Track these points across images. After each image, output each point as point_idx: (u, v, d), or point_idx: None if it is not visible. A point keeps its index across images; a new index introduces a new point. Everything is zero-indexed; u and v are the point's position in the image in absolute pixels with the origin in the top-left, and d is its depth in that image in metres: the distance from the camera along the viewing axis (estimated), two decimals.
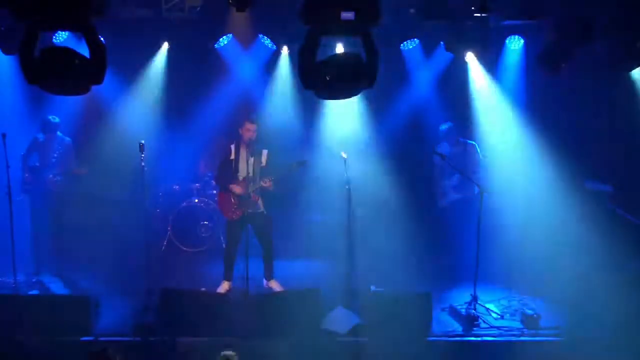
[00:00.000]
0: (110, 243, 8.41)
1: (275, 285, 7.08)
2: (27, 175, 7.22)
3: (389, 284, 7.07)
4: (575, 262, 7.49)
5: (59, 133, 7.48)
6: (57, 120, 7.46)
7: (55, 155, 7.38)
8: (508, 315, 6.46)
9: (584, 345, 5.83)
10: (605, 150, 7.61)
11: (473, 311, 6.38)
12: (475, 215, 6.52)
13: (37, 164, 7.33)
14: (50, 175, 7.30)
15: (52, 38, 7.72)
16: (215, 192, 8.12)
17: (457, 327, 6.19)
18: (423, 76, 8.83)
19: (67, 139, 7.56)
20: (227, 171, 6.91)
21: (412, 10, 6.65)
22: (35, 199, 7.33)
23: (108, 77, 4.35)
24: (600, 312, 6.37)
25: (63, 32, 7.71)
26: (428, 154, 7.63)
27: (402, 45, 8.45)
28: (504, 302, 6.75)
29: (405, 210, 8.89)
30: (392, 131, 9.01)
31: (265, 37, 8.35)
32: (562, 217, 7.91)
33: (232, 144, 6.95)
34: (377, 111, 9.01)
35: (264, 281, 7.14)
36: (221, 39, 8.26)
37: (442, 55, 8.23)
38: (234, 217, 6.87)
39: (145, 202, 6.77)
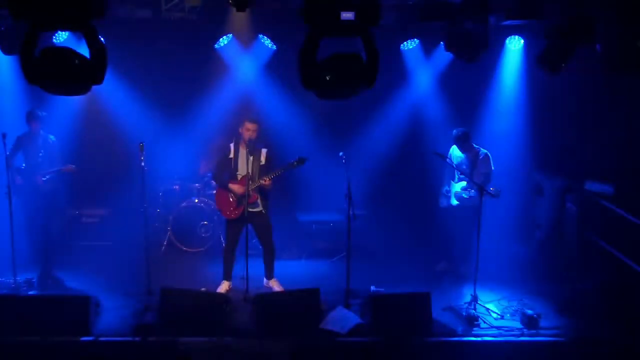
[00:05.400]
0: (110, 243, 8.43)
1: (275, 285, 7.07)
2: (17, 177, 7.01)
3: (389, 284, 7.07)
4: (575, 261, 7.54)
5: (41, 131, 7.22)
6: (43, 113, 7.22)
7: (41, 154, 7.17)
8: (508, 315, 6.45)
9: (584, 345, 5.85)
10: (605, 151, 7.62)
11: (473, 311, 6.38)
12: (476, 220, 6.52)
13: (24, 165, 7.15)
14: (40, 177, 7.10)
15: (52, 38, 7.72)
16: (214, 192, 8.12)
17: (457, 327, 6.19)
18: (423, 76, 8.85)
19: (52, 137, 7.32)
20: (226, 170, 6.91)
21: None
22: (27, 200, 7.12)
23: (108, 77, 4.36)
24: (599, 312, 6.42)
25: (63, 32, 7.71)
26: (428, 154, 7.61)
27: (402, 45, 8.46)
28: (504, 302, 6.75)
29: (405, 210, 8.92)
30: (392, 131, 9.03)
31: (265, 37, 8.36)
32: (562, 217, 7.94)
33: (231, 142, 6.95)
34: (377, 111, 9.03)
35: (264, 280, 7.13)
36: (221, 39, 8.27)
37: (442, 55, 8.24)
38: (232, 216, 6.87)
39: (145, 202, 6.76)
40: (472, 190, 6.98)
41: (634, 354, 5.77)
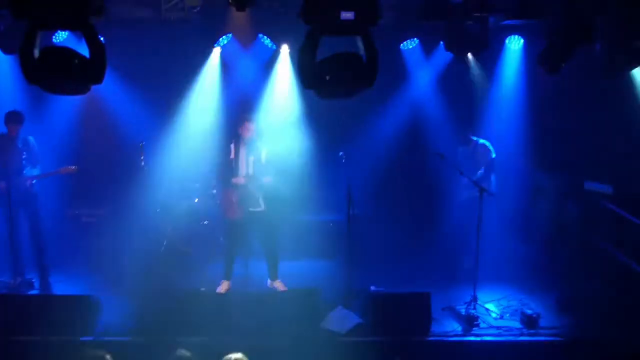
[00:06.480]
0: (110, 243, 8.42)
1: (280, 286, 7.05)
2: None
3: (389, 284, 7.08)
4: (574, 261, 7.54)
5: (20, 133, 6.97)
6: (23, 115, 7.00)
7: (24, 156, 6.95)
8: (508, 315, 6.46)
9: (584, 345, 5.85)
10: (605, 150, 7.62)
11: (473, 311, 6.38)
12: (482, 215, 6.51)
13: (5, 167, 6.84)
14: (30, 180, 6.95)
15: (52, 38, 7.71)
16: (215, 191, 8.12)
17: (457, 327, 6.19)
18: (423, 76, 8.85)
19: (31, 138, 7.08)
20: (227, 170, 6.91)
21: None
22: (17, 202, 6.90)
23: (108, 77, 4.36)
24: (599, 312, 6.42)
25: (63, 32, 7.70)
26: (427, 153, 7.62)
27: (402, 45, 8.47)
28: (504, 302, 6.75)
29: (405, 210, 8.92)
30: (391, 131, 9.03)
31: (265, 37, 8.36)
32: (562, 217, 7.94)
33: (231, 143, 6.95)
34: (377, 111, 9.03)
35: (268, 281, 7.11)
36: (221, 39, 8.27)
37: (442, 55, 8.24)
38: (235, 216, 6.87)
39: (145, 202, 6.76)
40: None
41: (634, 354, 5.76)
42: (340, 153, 6.76)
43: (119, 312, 6.33)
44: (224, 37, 8.26)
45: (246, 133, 6.76)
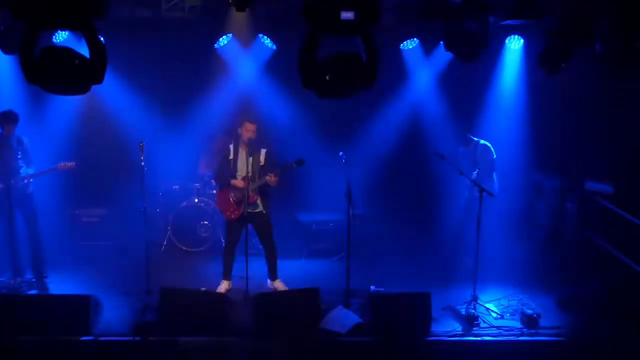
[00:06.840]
0: (110, 243, 8.43)
1: (280, 286, 7.04)
2: None
3: (389, 284, 7.08)
4: (574, 261, 7.55)
5: (15, 133, 6.88)
6: (17, 114, 6.89)
7: (19, 156, 6.90)
8: (508, 315, 6.46)
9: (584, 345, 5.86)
10: (605, 150, 7.62)
11: (473, 311, 6.38)
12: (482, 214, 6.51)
13: (2, 168, 6.80)
14: (28, 180, 6.91)
15: (52, 38, 7.71)
16: (215, 192, 8.13)
17: (457, 327, 6.19)
18: (423, 76, 8.86)
19: (24, 137, 6.99)
20: (226, 171, 6.91)
21: None
22: (14, 202, 6.80)
23: (108, 77, 4.37)
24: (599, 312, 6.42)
25: (63, 32, 7.71)
26: (427, 153, 7.62)
27: (402, 45, 8.47)
28: (504, 302, 6.75)
29: (405, 210, 8.93)
30: (392, 131, 9.04)
31: (265, 37, 8.37)
32: (562, 217, 7.94)
33: (230, 143, 6.95)
34: (377, 111, 9.03)
35: (268, 282, 7.11)
36: (221, 39, 8.27)
37: (442, 55, 8.25)
38: (233, 217, 6.87)
39: (145, 202, 6.76)
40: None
41: (634, 353, 5.77)
42: (340, 153, 6.76)
43: (119, 312, 6.33)
44: (224, 37, 8.26)
45: (245, 133, 6.75)
